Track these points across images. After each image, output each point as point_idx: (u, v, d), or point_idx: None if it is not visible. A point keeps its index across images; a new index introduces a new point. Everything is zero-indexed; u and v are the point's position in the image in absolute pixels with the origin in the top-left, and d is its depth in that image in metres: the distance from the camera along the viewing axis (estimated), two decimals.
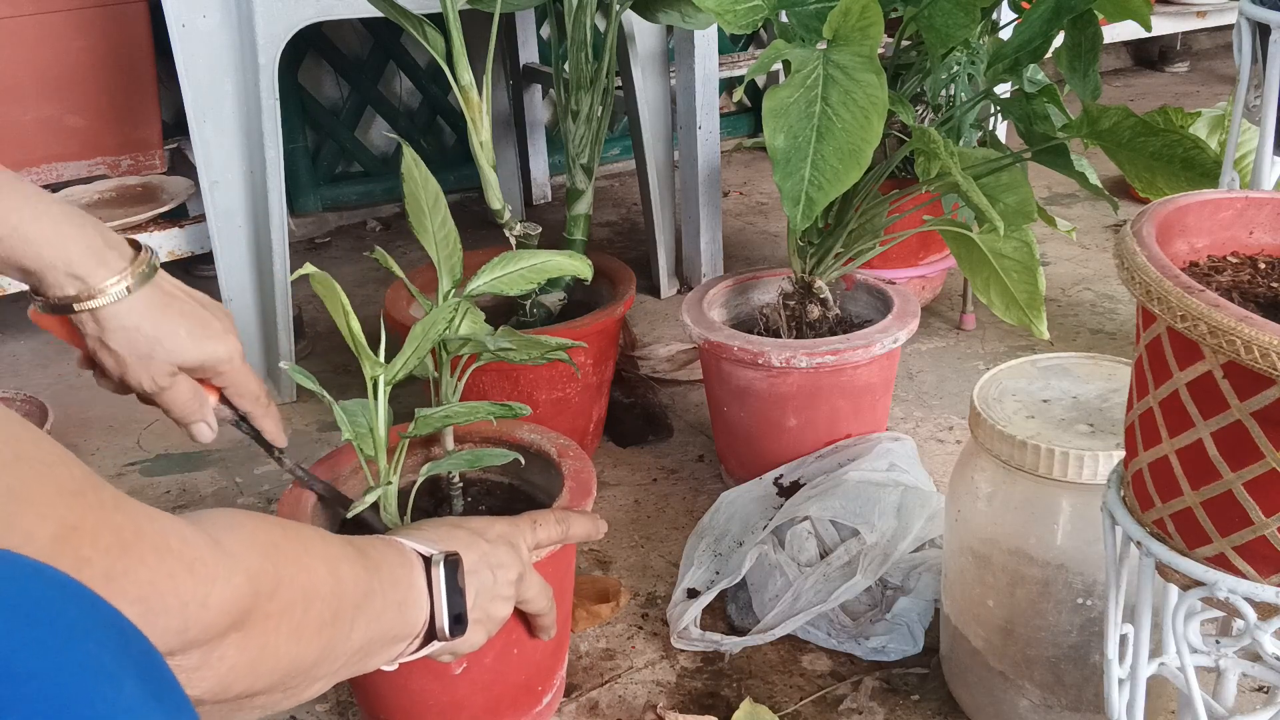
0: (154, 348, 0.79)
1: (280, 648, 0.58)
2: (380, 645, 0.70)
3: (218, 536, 0.54)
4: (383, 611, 0.69)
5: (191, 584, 0.50)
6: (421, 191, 0.97)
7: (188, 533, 0.52)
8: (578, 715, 1.06)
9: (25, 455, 0.43)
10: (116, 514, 0.47)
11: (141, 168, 1.96)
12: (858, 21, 1.04)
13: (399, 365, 0.91)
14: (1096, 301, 1.91)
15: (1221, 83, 3.44)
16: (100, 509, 0.46)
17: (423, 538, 0.78)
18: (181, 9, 1.47)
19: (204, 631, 0.51)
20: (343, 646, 0.65)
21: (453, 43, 1.23)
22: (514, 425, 1.08)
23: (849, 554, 1.13)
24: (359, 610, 0.66)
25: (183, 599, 0.49)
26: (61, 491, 0.44)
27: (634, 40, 1.85)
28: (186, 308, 0.81)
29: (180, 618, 0.50)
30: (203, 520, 0.56)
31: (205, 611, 0.51)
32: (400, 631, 0.72)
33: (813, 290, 1.34)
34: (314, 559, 0.63)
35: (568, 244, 1.50)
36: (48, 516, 0.43)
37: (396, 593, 0.71)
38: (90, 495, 0.46)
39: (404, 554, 0.74)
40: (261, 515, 0.61)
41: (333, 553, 0.65)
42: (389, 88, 2.58)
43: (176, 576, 0.49)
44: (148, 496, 1.47)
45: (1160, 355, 0.62)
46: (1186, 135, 1.06)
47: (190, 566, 0.50)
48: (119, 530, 0.47)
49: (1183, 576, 0.65)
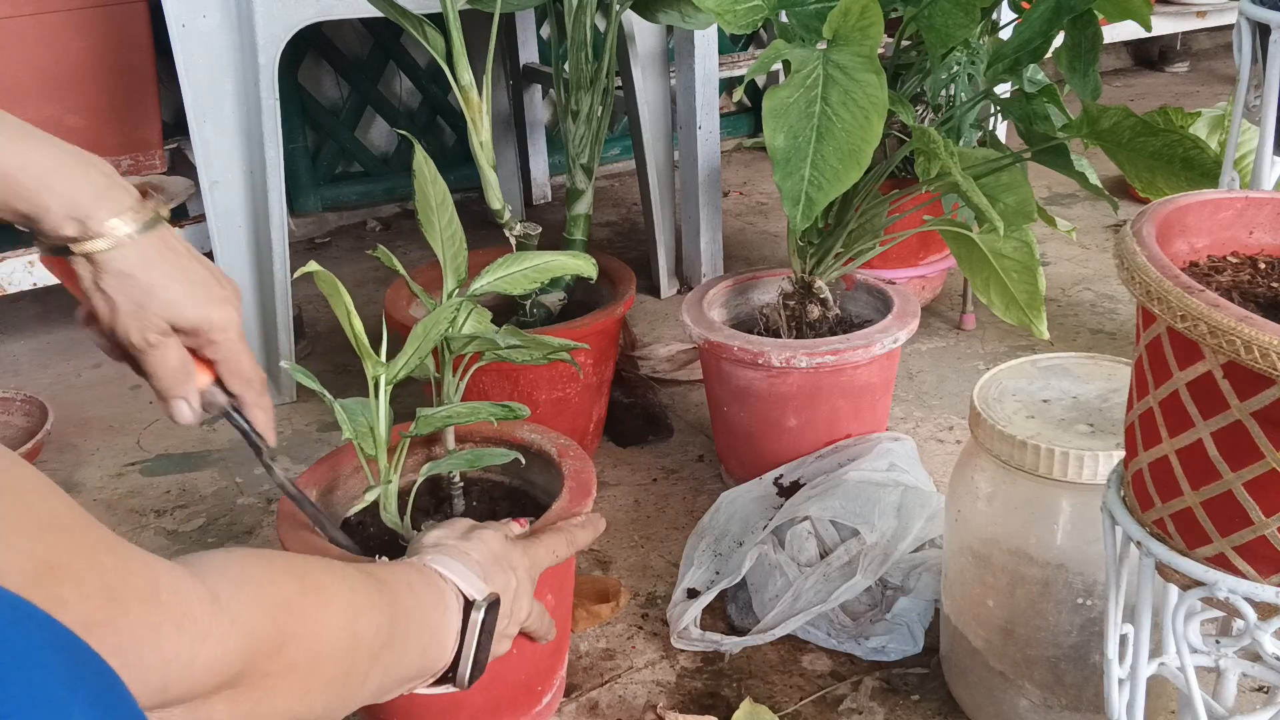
0: (148, 298, 0.73)
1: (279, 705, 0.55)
2: (395, 686, 0.68)
3: (219, 591, 0.51)
4: (403, 657, 0.66)
5: (177, 642, 0.47)
6: (430, 189, 0.98)
7: (182, 584, 0.48)
8: (578, 715, 1.06)
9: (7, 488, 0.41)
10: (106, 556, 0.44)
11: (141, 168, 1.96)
12: (858, 21, 1.04)
13: (400, 364, 0.91)
14: (1096, 301, 1.91)
15: (1221, 83, 3.44)
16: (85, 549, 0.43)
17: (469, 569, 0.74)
18: (181, 9, 1.47)
19: (187, 691, 0.48)
20: (354, 697, 0.62)
21: (453, 43, 1.23)
22: (514, 425, 1.08)
23: (849, 554, 1.13)
24: (375, 661, 0.63)
25: (165, 657, 0.46)
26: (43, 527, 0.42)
27: (634, 40, 1.85)
28: (189, 265, 0.75)
29: (161, 676, 0.46)
30: (208, 568, 0.52)
31: (190, 671, 0.48)
32: (418, 673, 0.69)
33: (813, 290, 1.34)
34: (330, 614, 0.59)
35: (568, 244, 1.50)
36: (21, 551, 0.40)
37: (422, 639, 0.68)
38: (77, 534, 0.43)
39: (442, 595, 0.71)
40: (279, 561, 0.58)
41: (356, 602, 0.62)
42: (389, 88, 2.58)
43: (161, 632, 0.46)
44: (148, 497, 1.47)
45: (1160, 355, 0.62)
46: (1186, 135, 1.06)
47: (179, 623, 0.47)
48: (104, 574, 0.44)
49: (1183, 576, 0.65)
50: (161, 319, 0.74)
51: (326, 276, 0.85)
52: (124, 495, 1.47)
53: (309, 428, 1.61)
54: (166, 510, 1.44)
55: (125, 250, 0.71)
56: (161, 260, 0.73)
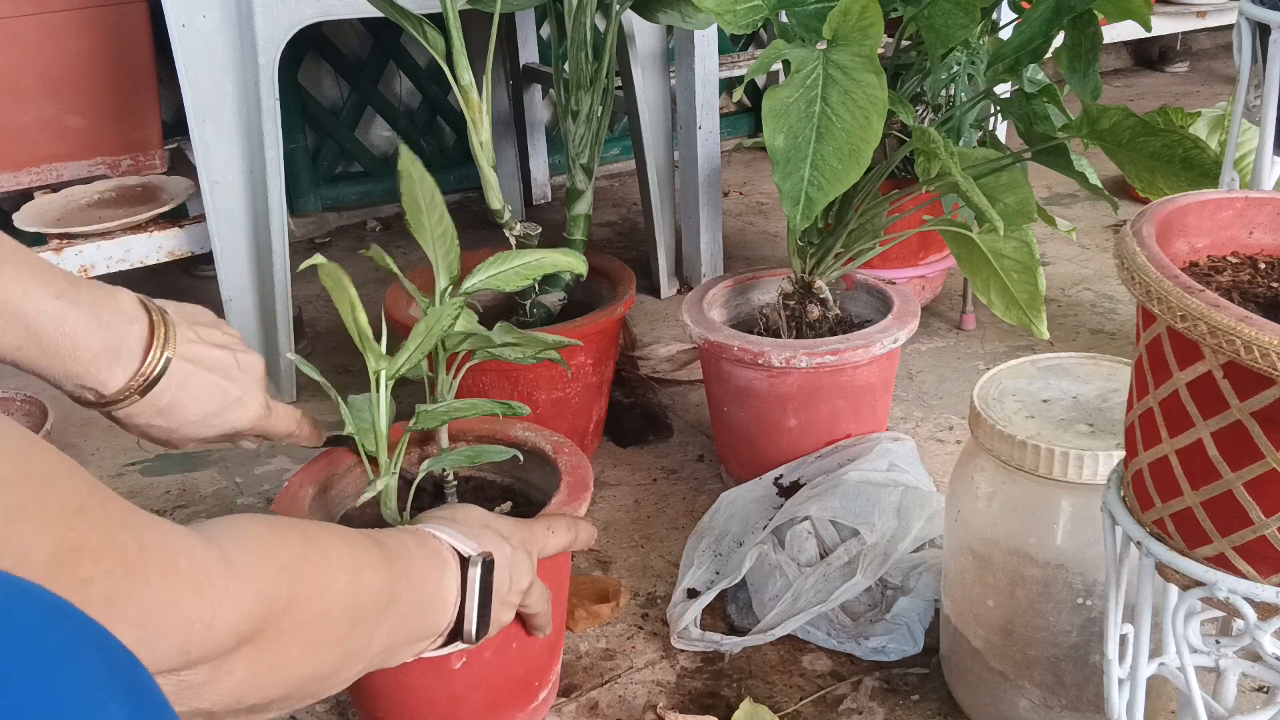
0: (171, 436, 0.80)
1: (294, 661, 0.57)
2: (403, 645, 0.70)
3: (230, 553, 0.53)
4: (407, 615, 0.68)
5: (198, 605, 0.49)
6: (418, 189, 0.97)
7: (198, 550, 0.51)
8: (578, 715, 1.06)
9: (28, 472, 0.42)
10: (122, 532, 0.46)
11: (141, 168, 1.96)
12: (858, 21, 1.04)
13: (402, 360, 0.91)
14: (1096, 301, 1.91)
15: (1221, 83, 3.44)
16: (105, 527, 0.45)
17: (458, 531, 0.77)
18: (181, 9, 1.47)
19: (209, 651, 0.50)
20: (362, 653, 0.64)
21: (453, 43, 1.23)
22: (509, 424, 1.09)
23: (849, 554, 1.13)
24: (381, 618, 0.65)
25: (187, 620, 0.48)
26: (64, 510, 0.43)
27: (634, 40, 1.84)
28: (203, 388, 0.79)
29: (183, 638, 0.49)
30: (217, 533, 0.54)
31: (211, 632, 0.50)
32: (424, 632, 0.71)
33: (813, 290, 1.34)
34: (335, 572, 0.61)
35: (568, 244, 1.50)
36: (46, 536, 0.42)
37: (423, 595, 0.70)
38: (96, 512, 0.45)
39: (438, 553, 0.73)
40: (282, 524, 0.60)
41: (358, 561, 0.64)
42: (389, 88, 2.58)
43: (181, 598, 0.48)
44: (148, 497, 1.47)
45: (1160, 355, 0.62)
46: (1186, 135, 1.06)
47: (198, 587, 0.49)
48: (123, 549, 0.46)
49: (1183, 576, 0.65)
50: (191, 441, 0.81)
51: (331, 269, 0.85)
52: (124, 495, 1.46)
53: None
54: (166, 510, 1.44)
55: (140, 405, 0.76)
56: (176, 401, 0.78)
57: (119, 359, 0.74)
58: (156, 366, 0.75)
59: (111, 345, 0.73)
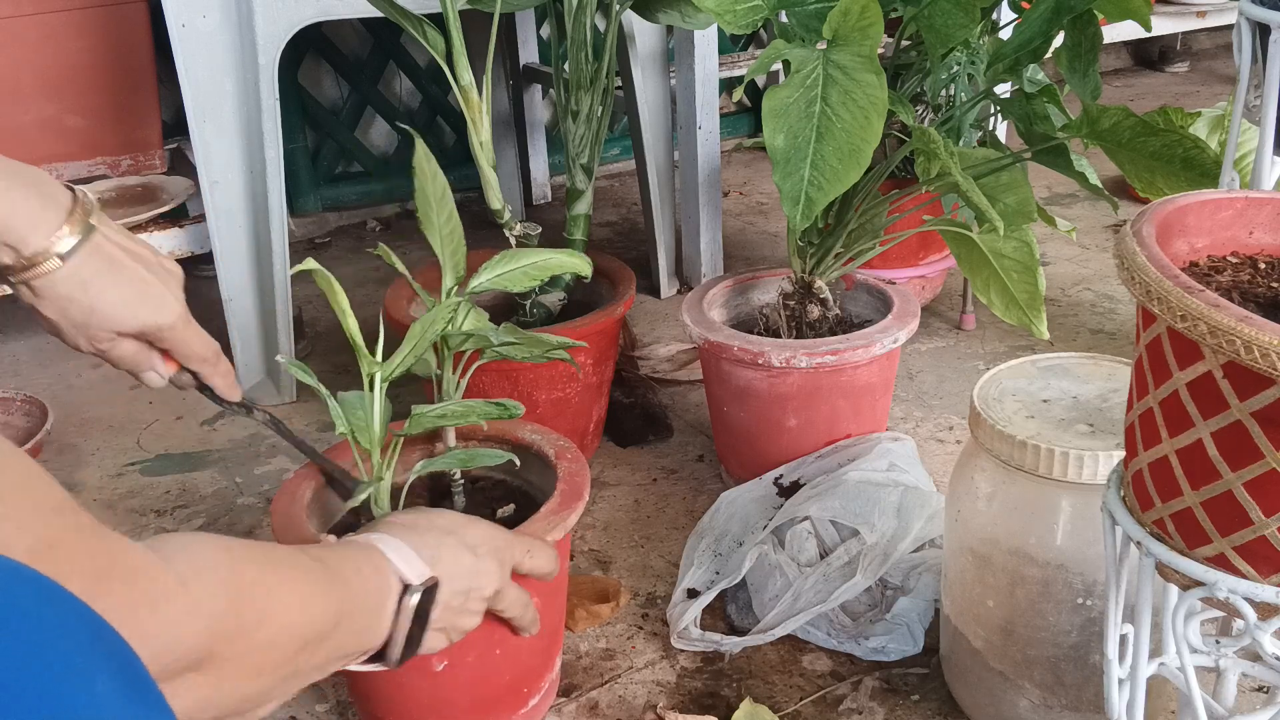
0: (89, 317, 0.76)
1: (237, 686, 0.57)
2: (335, 661, 0.69)
3: (185, 576, 0.53)
4: (345, 638, 0.68)
5: (151, 622, 0.49)
6: (430, 185, 0.98)
7: (155, 570, 0.51)
8: (577, 715, 1.06)
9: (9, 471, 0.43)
10: (94, 539, 0.47)
11: (141, 168, 1.96)
12: (858, 21, 1.04)
13: (396, 362, 0.91)
14: (1096, 301, 1.91)
15: (1221, 83, 3.44)
16: (78, 531, 0.46)
17: (413, 546, 0.76)
18: (181, 9, 1.47)
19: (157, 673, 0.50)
20: (302, 672, 0.64)
21: (453, 43, 1.23)
22: (516, 424, 1.08)
23: (849, 554, 1.13)
24: (323, 640, 0.65)
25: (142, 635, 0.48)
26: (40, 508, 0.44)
27: (634, 40, 1.85)
28: (124, 273, 0.77)
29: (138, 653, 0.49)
30: (174, 554, 0.54)
31: (162, 650, 0.50)
32: (355, 650, 0.71)
33: (813, 290, 1.34)
34: (288, 598, 0.61)
35: (568, 244, 1.50)
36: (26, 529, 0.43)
37: (363, 619, 0.70)
38: (69, 516, 0.46)
39: (384, 576, 0.73)
40: (238, 549, 0.59)
41: (311, 589, 0.64)
42: (389, 88, 2.58)
43: (139, 613, 0.49)
44: (148, 497, 1.47)
45: (1160, 355, 0.62)
46: (1186, 135, 1.06)
47: (154, 604, 0.50)
48: (94, 556, 0.46)
49: (1183, 576, 0.65)
50: (106, 331, 0.77)
51: (322, 274, 0.85)
52: (124, 495, 1.47)
53: (308, 427, 1.61)
54: (166, 510, 1.44)
55: (60, 274, 0.73)
56: (97, 277, 0.75)
57: (44, 216, 0.72)
58: (78, 229, 0.73)
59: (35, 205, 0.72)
